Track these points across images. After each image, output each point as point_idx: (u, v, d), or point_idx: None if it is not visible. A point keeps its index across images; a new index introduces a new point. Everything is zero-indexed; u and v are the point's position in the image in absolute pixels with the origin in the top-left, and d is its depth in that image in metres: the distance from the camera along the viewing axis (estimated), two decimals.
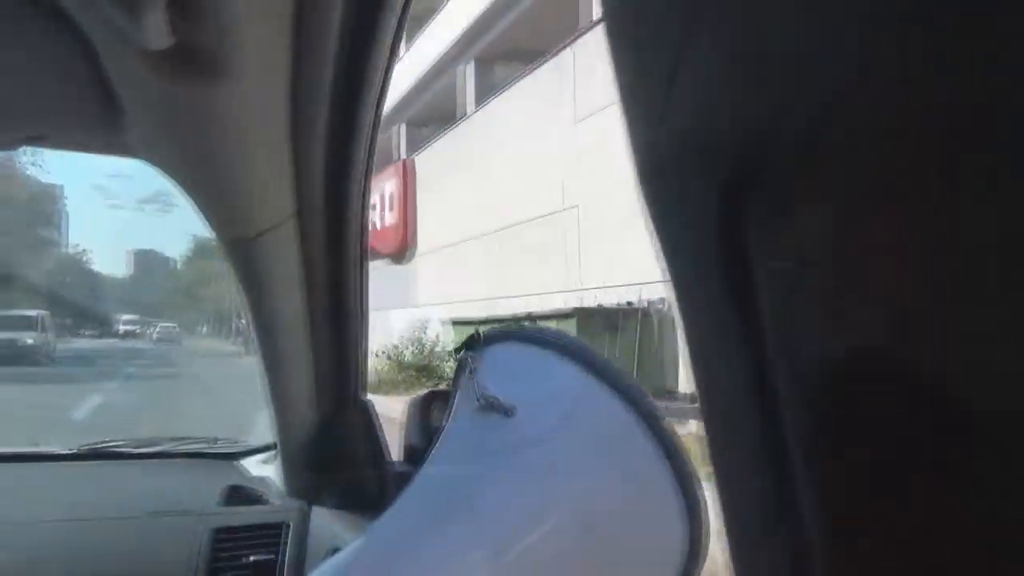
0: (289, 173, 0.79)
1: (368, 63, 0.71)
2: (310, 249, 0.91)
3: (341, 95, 0.73)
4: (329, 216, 0.89)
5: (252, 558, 1.06)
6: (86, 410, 7.84)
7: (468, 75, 14.23)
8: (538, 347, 0.57)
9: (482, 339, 0.60)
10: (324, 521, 1.09)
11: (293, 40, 0.61)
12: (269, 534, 1.09)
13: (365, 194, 0.89)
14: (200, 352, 26.62)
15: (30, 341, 16.16)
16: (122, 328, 44.53)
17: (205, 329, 49.90)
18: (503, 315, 8.62)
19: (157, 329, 41.74)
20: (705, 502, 0.50)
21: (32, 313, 17.58)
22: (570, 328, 6.49)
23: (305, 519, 1.11)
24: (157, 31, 0.48)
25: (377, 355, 10.67)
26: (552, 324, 6.79)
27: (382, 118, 0.82)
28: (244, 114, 0.65)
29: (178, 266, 62.73)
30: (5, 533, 1.07)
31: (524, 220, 10.65)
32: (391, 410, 0.85)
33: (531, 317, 7.78)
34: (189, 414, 7.22)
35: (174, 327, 44.61)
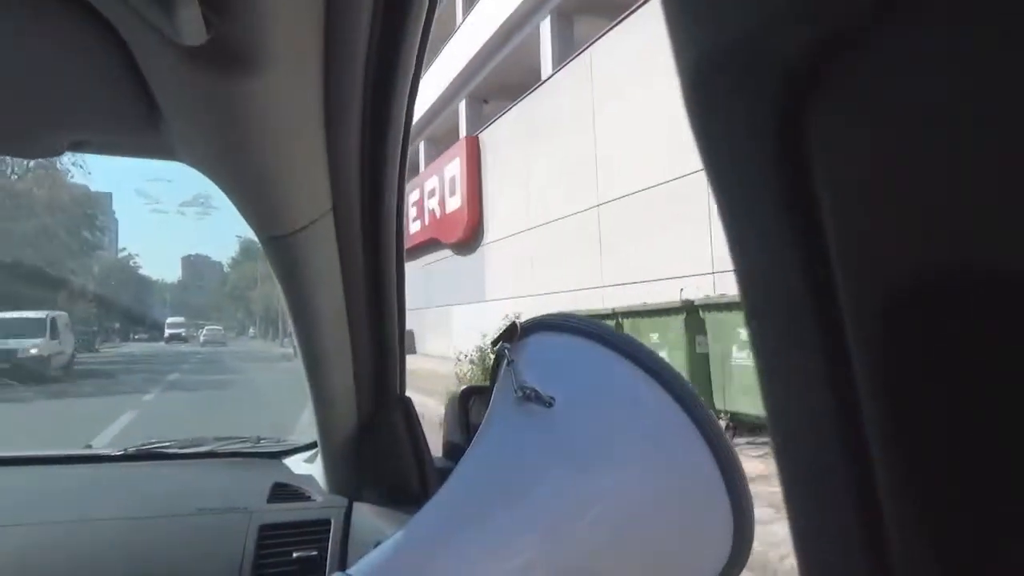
0: (324, 168, 0.78)
1: (399, 52, 0.71)
2: (347, 245, 0.91)
3: (373, 86, 0.72)
4: (364, 211, 0.88)
5: (297, 554, 1.08)
6: (106, 438, 6.18)
7: (544, 32, 12.25)
8: (576, 336, 0.56)
9: (519, 330, 0.60)
10: (366, 517, 1.11)
11: (325, 31, 0.60)
12: (313, 530, 1.12)
13: (400, 188, 0.89)
14: (248, 356, 24.66)
15: (34, 351, 13.05)
16: (167, 331, 42.58)
17: (253, 331, 48.78)
18: (629, 307, 6.69)
19: (204, 332, 41.96)
20: (749, 494, 0.50)
21: (39, 315, 14.30)
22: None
23: (348, 516, 1.13)
24: (191, 27, 0.48)
25: (459, 359, 9.01)
26: (733, 315, 4.95)
27: (441, 96, 1.44)
28: (279, 109, 0.64)
29: (225, 268, 61.95)
30: (60, 532, 1.11)
31: (634, 191, 8.78)
32: None
33: (691, 307, 5.82)
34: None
35: (220, 329, 45.12)
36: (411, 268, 17.40)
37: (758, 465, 3.75)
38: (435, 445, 1.09)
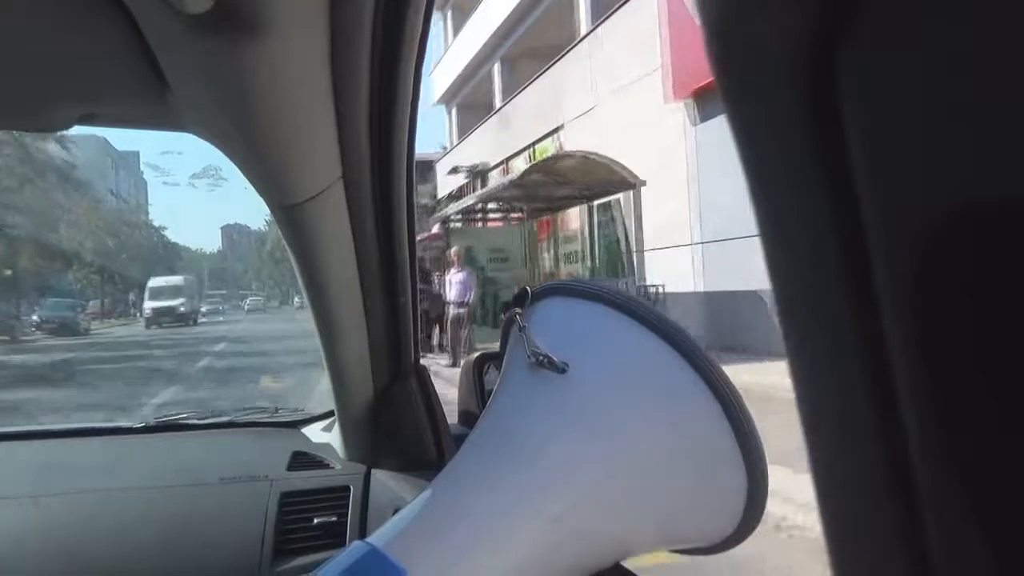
0: (333, 136, 0.78)
1: (406, 16, 0.70)
2: (358, 213, 0.91)
3: (381, 51, 0.72)
4: (375, 178, 0.88)
5: (318, 520, 1.12)
6: None
7: None
8: (585, 301, 0.56)
9: (530, 295, 0.60)
10: (385, 484, 1.13)
11: None
12: (333, 497, 1.15)
13: (410, 154, 0.89)
14: (301, 344, 10.66)
15: None
16: (148, 306, 23.95)
17: (299, 299, 44.43)
18: None
19: (247, 302, 43.43)
20: (762, 451, 0.50)
21: None
22: None
23: (367, 482, 1.16)
24: None
25: None
26: None
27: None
28: (285, 76, 0.64)
29: (264, 226, 56.31)
30: (86, 503, 1.14)
31: None
32: None
33: None
34: None
35: (260, 299, 47.43)
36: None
37: None
38: (451, 413, 1.11)
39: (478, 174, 14.81)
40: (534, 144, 12.76)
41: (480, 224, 12.30)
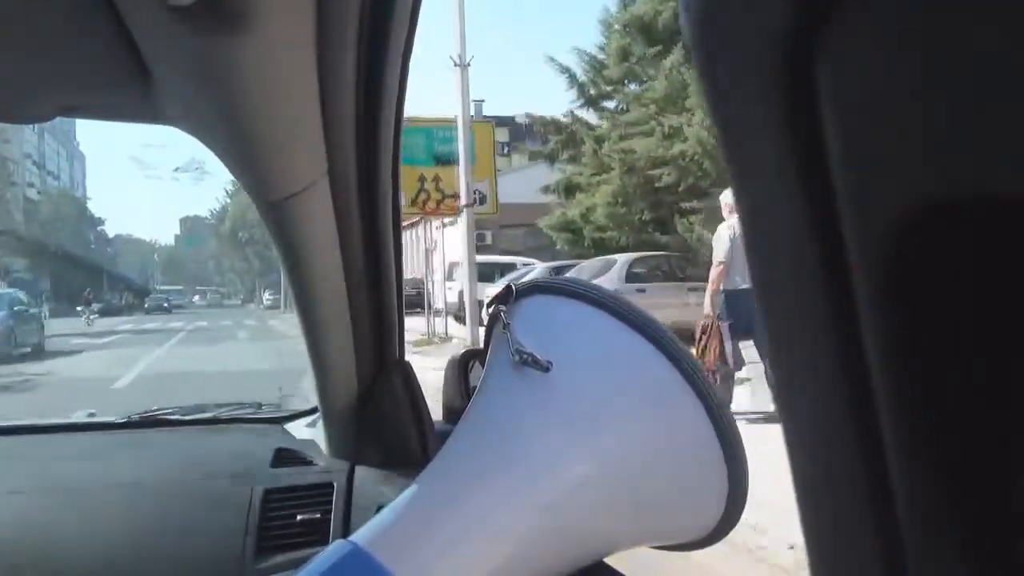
0: (319, 130, 0.78)
1: (393, 10, 0.70)
2: (343, 208, 0.91)
3: (367, 44, 0.72)
4: (361, 173, 0.88)
5: (301, 516, 1.10)
6: None
7: None
8: (569, 299, 0.57)
9: (514, 292, 0.60)
10: (368, 480, 1.13)
11: None
12: (317, 494, 1.14)
13: (396, 149, 0.89)
14: None
15: None
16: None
17: (269, 296, 32.66)
18: None
19: (208, 297, 42.33)
20: (743, 449, 0.51)
21: None
22: None
23: (350, 479, 1.15)
24: None
25: None
26: None
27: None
28: (271, 69, 0.64)
29: (227, 194, 41.19)
30: (66, 499, 1.13)
31: None
32: None
33: None
34: None
35: (220, 295, 45.59)
36: None
37: None
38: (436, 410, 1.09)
39: None
40: None
41: None
